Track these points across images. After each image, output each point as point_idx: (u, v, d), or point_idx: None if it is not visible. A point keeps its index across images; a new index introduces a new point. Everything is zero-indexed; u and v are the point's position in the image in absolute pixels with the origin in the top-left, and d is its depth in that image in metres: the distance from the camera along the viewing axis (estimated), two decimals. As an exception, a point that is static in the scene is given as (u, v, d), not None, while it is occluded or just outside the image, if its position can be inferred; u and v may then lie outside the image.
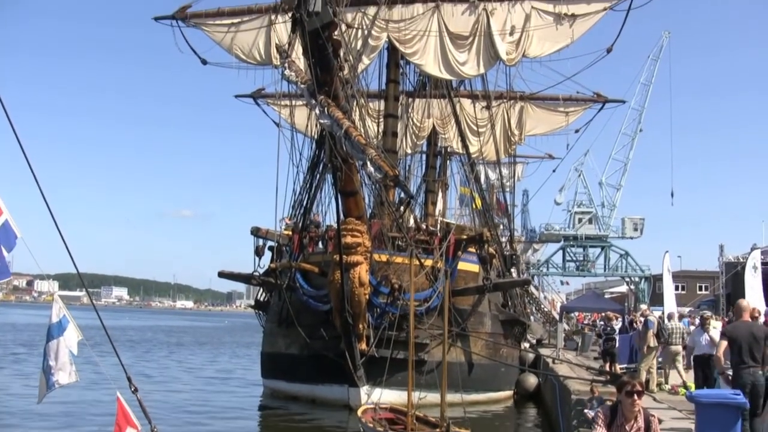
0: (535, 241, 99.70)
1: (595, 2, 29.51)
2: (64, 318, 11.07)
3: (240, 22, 31.79)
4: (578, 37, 29.53)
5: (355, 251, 22.71)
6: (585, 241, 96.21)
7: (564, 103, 42.83)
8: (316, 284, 26.08)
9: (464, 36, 29.92)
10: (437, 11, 30.05)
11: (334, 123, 19.32)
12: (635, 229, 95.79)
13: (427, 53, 30.00)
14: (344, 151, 19.75)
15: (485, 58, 29.86)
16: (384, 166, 18.81)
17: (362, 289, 23.11)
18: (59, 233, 10.37)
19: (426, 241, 27.17)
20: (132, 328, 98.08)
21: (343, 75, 21.08)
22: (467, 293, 27.46)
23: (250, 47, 31.39)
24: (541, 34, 29.62)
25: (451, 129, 39.95)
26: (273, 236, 29.42)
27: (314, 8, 18.06)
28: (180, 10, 32.11)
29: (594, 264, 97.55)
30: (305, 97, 20.75)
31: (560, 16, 29.42)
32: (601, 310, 43.46)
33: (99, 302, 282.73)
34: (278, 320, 28.32)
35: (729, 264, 63.22)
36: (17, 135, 9.46)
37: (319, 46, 19.05)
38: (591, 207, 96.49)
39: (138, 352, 54.34)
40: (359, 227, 22.83)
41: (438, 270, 25.95)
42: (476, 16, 29.84)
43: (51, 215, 10.28)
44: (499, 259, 33.76)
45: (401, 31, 30.02)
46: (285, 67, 21.64)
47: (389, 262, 25.23)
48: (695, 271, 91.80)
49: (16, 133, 9.39)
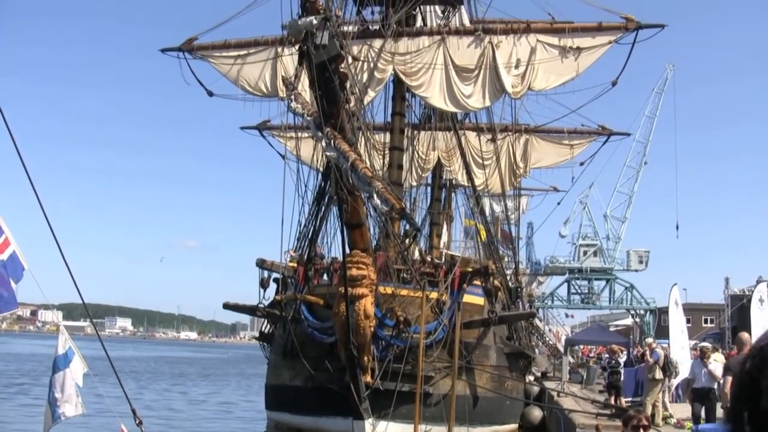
0: (540, 274, 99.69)
1: (600, 36, 29.65)
2: (70, 350, 11.09)
3: (246, 54, 31.90)
4: (583, 70, 29.65)
5: (360, 283, 22.63)
6: (590, 273, 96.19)
7: (569, 135, 42.92)
8: (321, 316, 26.00)
9: (470, 69, 30.02)
10: (443, 44, 30.17)
11: (340, 155, 19.34)
12: (640, 261, 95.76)
13: (432, 86, 30.10)
14: (350, 183, 19.76)
15: (491, 91, 29.96)
16: (390, 198, 18.82)
17: (367, 322, 23.01)
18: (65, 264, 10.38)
19: (431, 273, 27.11)
20: (136, 359, 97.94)
21: (350, 107, 21.12)
22: (472, 326, 27.37)
23: (256, 79, 31.49)
24: (546, 67, 29.72)
25: (456, 161, 40.00)
26: (278, 268, 29.37)
27: (321, 41, 18.13)
28: (186, 42, 32.24)
29: (599, 297, 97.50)
30: (311, 130, 20.78)
31: (565, 50, 29.54)
32: (606, 343, 43.41)
33: (103, 333, 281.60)
34: (283, 352, 28.22)
35: (734, 297, 63.24)
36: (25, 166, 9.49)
37: (326, 79, 19.10)
38: (596, 239, 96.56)
39: (141, 383, 54.26)
40: (365, 259, 22.76)
41: (443, 303, 25.90)
42: (482, 49, 29.96)
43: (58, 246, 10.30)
44: (505, 292, 33.67)
45: (407, 64, 30.13)
46: (291, 99, 21.69)
47: (394, 295, 25.17)
48: (700, 304, 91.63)
49: (25, 165, 9.42)
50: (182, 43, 32.24)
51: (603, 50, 29.54)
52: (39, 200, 10.04)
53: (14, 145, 9.49)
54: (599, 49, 29.53)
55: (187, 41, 32.21)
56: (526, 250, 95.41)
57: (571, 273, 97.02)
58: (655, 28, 29.52)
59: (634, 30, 29.32)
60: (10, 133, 9.33)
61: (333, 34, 18.37)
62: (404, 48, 30.32)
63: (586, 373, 43.35)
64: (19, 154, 9.61)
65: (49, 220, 10.25)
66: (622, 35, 29.55)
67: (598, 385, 37.63)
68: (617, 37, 29.58)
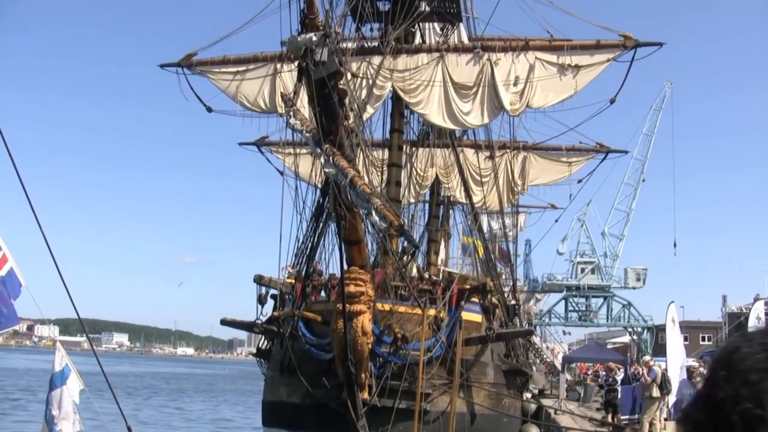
0: (538, 291, 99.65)
1: (598, 53, 29.71)
2: (67, 367, 11.05)
3: (245, 70, 31.93)
4: (582, 87, 29.69)
5: (358, 300, 22.61)
6: (587, 291, 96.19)
7: (567, 153, 42.94)
8: (319, 333, 25.96)
9: (468, 86, 30.08)
10: (442, 61, 30.23)
11: (339, 172, 19.34)
12: (638, 279, 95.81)
13: (431, 103, 30.15)
14: (349, 200, 19.76)
15: (489, 108, 30.01)
16: (389, 215, 18.82)
17: (365, 339, 22.98)
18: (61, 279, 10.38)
19: (429, 290, 27.10)
20: (132, 375, 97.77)
21: (349, 124, 21.14)
22: (470, 343, 27.34)
23: (255, 96, 31.52)
24: (544, 84, 29.77)
25: (454, 178, 40.01)
26: (276, 284, 29.33)
27: (321, 58, 18.16)
28: (185, 58, 32.25)
29: (596, 314, 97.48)
30: (310, 146, 20.79)
31: (564, 67, 29.59)
32: (604, 361, 43.37)
33: (99, 348, 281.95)
34: (280, 368, 28.14)
35: (732, 314, 63.23)
36: (23, 182, 9.48)
37: (325, 95, 19.12)
38: (593, 257, 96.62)
39: (138, 399, 54.13)
40: (362, 276, 22.73)
41: (441, 320, 25.89)
42: (480, 66, 30.02)
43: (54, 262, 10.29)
44: (502, 309, 33.63)
45: (406, 81, 30.18)
46: (290, 115, 21.69)
47: (392, 312, 25.16)
48: (698, 322, 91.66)
49: (22, 181, 9.41)
50: (181, 59, 32.24)
51: (601, 68, 29.60)
52: (35, 216, 10.02)
53: (11, 161, 9.48)
54: (598, 66, 29.59)
55: (186, 57, 32.23)
56: (523, 268, 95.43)
57: (568, 290, 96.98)
58: (653, 46, 29.59)
59: (632, 48, 29.37)
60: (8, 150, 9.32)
61: (332, 51, 18.40)
62: (403, 65, 30.38)
63: (583, 390, 43.31)
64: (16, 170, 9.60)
65: (46, 235, 10.24)
66: (620, 53, 29.61)
67: (595, 403, 37.57)
68: (615, 55, 29.64)
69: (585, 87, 29.78)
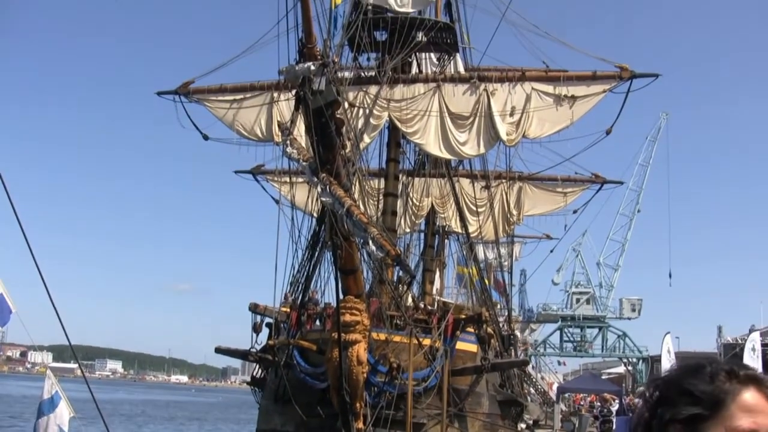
0: (533, 321, 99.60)
1: (594, 84, 29.79)
2: (57, 394, 10.99)
3: (242, 98, 31.99)
4: (578, 118, 29.75)
5: (353, 329, 22.56)
6: (582, 321, 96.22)
7: (562, 183, 42.97)
8: (314, 362, 25.88)
9: (465, 116, 30.15)
10: (438, 91, 30.33)
11: (336, 201, 19.34)
12: (633, 309, 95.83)
13: (428, 133, 30.21)
14: (345, 229, 19.76)
15: (485, 138, 30.08)
16: (386, 245, 18.82)
17: (360, 368, 22.91)
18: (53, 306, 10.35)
19: (424, 320, 27.07)
20: (126, 402, 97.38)
21: (346, 153, 21.17)
22: (465, 373, 27.28)
23: (252, 124, 31.57)
24: (541, 115, 29.84)
25: (449, 208, 40.05)
26: (271, 313, 29.26)
27: (318, 87, 18.20)
28: (183, 86, 32.32)
29: (591, 344, 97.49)
30: (307, 175, 20.79)
31: (560, 98, 29.67)
32: (599, 392, 43.26)
33: (93, 375, 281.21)
34: (274, 397, 28.04)
35: (727, 345, 63.14)
36: (16, 212, 9.48)
37: (323, 124, 19.16)
38: (589, 287, 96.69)
39: (132, 427, 53.81)
40: (358, 305, 22.70)
41: (436, 349, 25.83)
42: (477, 97, 30.11)
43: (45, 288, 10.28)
44: (497, 339, 33.58)
45: (402, 111, 30.25)
46: (287, 144, 21.72)
47: (387, 341, 25.11)
48: (693, 353, 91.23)
49: (15, 211, 9.41)
50: (178, 87, 32.32)
51: (597, 99, 29.69)
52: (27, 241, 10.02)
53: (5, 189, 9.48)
54: (594, 97, 29.67)
55: (183, 85, 32.30)
56: (518, 298, 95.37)
57: (563, 321, 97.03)
58: (649, 77, 29.70)
59: (628, 79, 29.47)
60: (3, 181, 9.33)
61: (330, 80, 18.46)
62: (400, 95, 30.46)
63: (578, 421, 43.13)
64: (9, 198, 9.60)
65: (38, 262, 10.23)
66: (616, 84, 29.71)
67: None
68: (612, 86, 29.73)
69: (581, 117, 29.86)
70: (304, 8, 17.90)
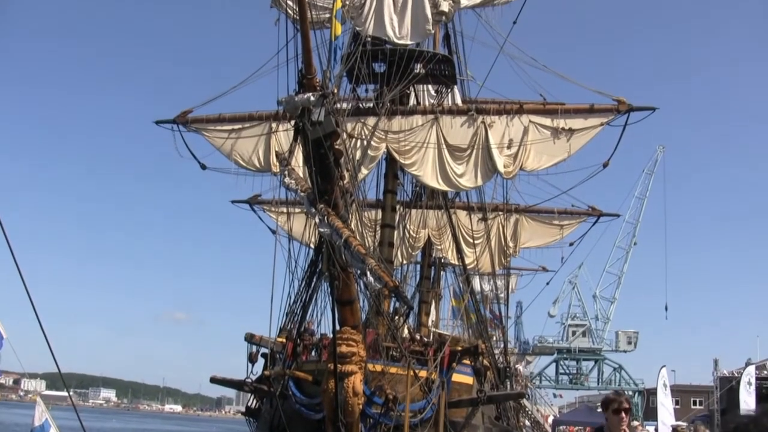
0: (529, 354, 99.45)
1: (592, 117, 29.88)
2: (47, 422, 10.96)
3: (241, 128, 32.08)
4: (575, 151, 29.82)
5: (349, 360, 22.48)
6: (578, 354, 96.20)
7: (559, 216, 43.02)
8: (309, 393, 25.79)
9: (462, 148, 30.23)
10: (436, 123, 30.42)
11: (333, 232, 19.34)
12: (629, 342, 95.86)
13: (425, 164, 30.28)
14: (343, 260, 19.74)
15: (483, 170, 30.14)
16: (384, 276, 18.79)
17: (356, 399, 22.80)
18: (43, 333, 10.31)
19: (420, 351, 27.02)
20: (120, 431, 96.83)
21: (344, 184, 21.19)
22: (461, 405, 27.22)
23: (249, 154, 31.64)
24: (538, 147, 29.91)
25: (446, 240, 40.09)
26: (267, 343, 29.19)
27: (318, 118, 18.24)
28: (181, 115, 32.42)
29: (587, 377, 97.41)
30: (305, 206, 20.78)
31: (558, 131, 29.76)
32: (595, 425, 43.13)
33: (86, 403, 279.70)
34: (270, 428, 27.92)
35: (723, 379, 63.10)
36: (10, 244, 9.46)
37: (321, 155, 19.18)
38: (585, 320, 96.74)
39: (124, 458, 53.55)
40: (355, 336, 22.64)
41: (432, 381, 25.76)
42: (475, 129, 30.21)
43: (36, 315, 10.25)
44: (493, 371, 33.51)
45: (400, 142, 30.33)
46: (285, 174, 21.74)
47: (384, 372, 25.04)
48: (689, 386, 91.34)
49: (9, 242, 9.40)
50: (177, 116, 32.42)
51: (595, 132, 29.77)
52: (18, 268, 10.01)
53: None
54: (591, 130, 29.75)
55: (181, 114, 32.40)
56: (514, 330, 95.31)
57: (559, 353, 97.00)
58: (646, 110, 29.78)
59: (625, 112, 29.55)
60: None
61: (329, 111, 18.50)
62: (398, 126, 30.56)
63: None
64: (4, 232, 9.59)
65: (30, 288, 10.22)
66: (613, 117, 29.79)
67: (585, 468, 37.30)
68: (609, 119, 29.81)
69: (578, 150, 29.93)
70: (304, 39, 17.97)
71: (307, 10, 18.58)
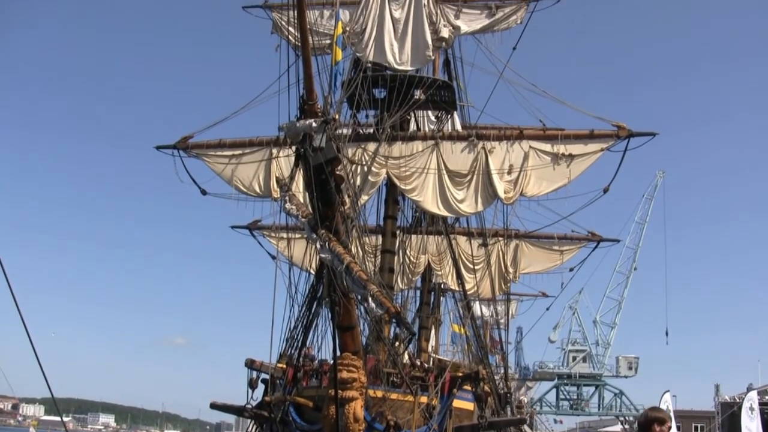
0: (529, 379, 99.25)
1: (592, 143, 29.92)
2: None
3: (241, 154, 32.13)
4: (575, 177, 29.82)
5: (350, 386, 22.43)
6: (579, 379, 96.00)
7: (559, 241, 43.05)
8: (310, 419, 25.72)
9: (463, 174, 30.26)
10: (437, 149, 30.45)
11: (335, 258, 19.34)
12: (630, 367, 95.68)
13: (425, 190, 30.30)
14: (344, 286, 19.72)
15: (483, 196, 30.15)
16: (386, 303, 18.77)
17: (357, 425, 22.71)
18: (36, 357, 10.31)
19: (421, 377, 26.95)
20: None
21: (345, 210, 21.19)
22: (462, 431, 27.13)
23: (250, 180, 31.68)
24: (538, 173, 29.93)
25: (446, 265, 40.09)
26: (267, 369, 29.11)
27: (319, 144, 18.27)
28: (182, 140, 32.46)
29: (588, 403, 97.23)
30: (306, 232, 20.78)
31: (558, 156, 29.79)
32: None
33: (85, 428, 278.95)
34: (269, 454, 27.85)
35: (725, 404, 63.02)
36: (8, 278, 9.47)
37: (322, 181, 19.21)
38: (585, 345, 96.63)
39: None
40: (355, 362, 22.58)
41: (433, 407, 25.69)
42: (475, 155, 30.24)
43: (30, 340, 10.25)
44: (494, 397, 33.42)
45: (400, 168, 30.36)
46: (285, 200, 21.75)
47: (384, 398, 24.98)
48: (691, 411, 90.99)
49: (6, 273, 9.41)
50: (177, 141, 32.46)
51: (595, 157, 29.79)
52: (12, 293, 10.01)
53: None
54: (591, 156, 29.78)
55: (182, 139, 32.45)
56: (515, 355, 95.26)
57: (560, 378, 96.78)
58: (646, 136, 29.82)
59: (625, 138, 29.58)
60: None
61: (331, 137, 18.53)
62: (398, 152, 30.59)
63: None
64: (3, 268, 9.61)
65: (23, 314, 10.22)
66: (613, 143, 29.82)
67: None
68: (609, 145, 29.84)
69: (579, 176, 29.95)
70: (306, 66, 18.00)
71: (308, 36, 18.67)
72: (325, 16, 32.74)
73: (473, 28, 32.10)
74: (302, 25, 18.16)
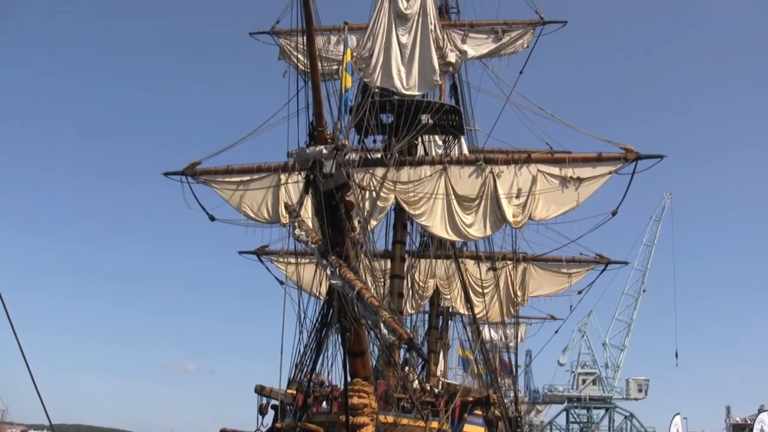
0: (539, 402, 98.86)
1: (600, 166, 29.83)
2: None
3: (249, 180, 32.13)
4: (584, 200, 29.70)
5: (361, 412, 22.35)
6: (589, 402, 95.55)
7: (567, 264, 42.99)
8: (320, 445, 25.62)
9: (471, 198, 30.20)
10: (445, 173, 30.43)
11: (346, 284, 19.30)
12: (640, 390, 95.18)
13: (434, 215, 30.24)
14: (356, 311, 19.66)
15: (492, 220, 30.08)
16: (398, 329, 18.71)
17: (368, 452, 22.68)
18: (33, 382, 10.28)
19: (431, 402, 26.87)
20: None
21: (355, 235, 21.16)
22: (473, 456, 27.05)
23: (258, 206, 31.64)
24: (547, 197, 29.85)
25: (454, 289, 40.04)
26: (277, 395, 29.01)
27: (329, 170, 18.26)
28: (189, 167, 32.46)
29: (598, 426, 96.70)
30: (316, 258, 20.74)
31: (566, 180, 29.72)
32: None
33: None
34: (280, 481, 27.69)
35: (736, 426, 62.73)
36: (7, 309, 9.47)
37: (332, 207, 19.19)
38: (595, 368, 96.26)
39: None
40: (366, 388, 22.52)
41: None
42: (483, 179, 30.20)
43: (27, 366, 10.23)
44: (505, 422, 33.31)
45: (409, 193, 30.34)
46: (295, 226, 21.72)
47: (396, 424, 24.87)
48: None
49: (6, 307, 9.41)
50: (185, 168, 32.46)
51: (603, 180, 29.70)
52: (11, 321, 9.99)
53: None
54: (599, 179, 29.70)
55: (190, 166, 32.46)
56: (524, 379, 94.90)
57: (569, 401, 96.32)
58: (654, 158, 29.75)
59: (633, 161, 29.50)
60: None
61: (341, 163, 18.52)
62: (406, 177, 30.58)
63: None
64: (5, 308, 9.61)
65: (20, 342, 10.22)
66: (621, 166, 29.73)
67: None
68: (617, 168, 29.75)
69: (587, 199, 29.87)
70: (315, 92, 18.01)
71: (317, 63, 18.69)
72: (332, 42, 32.81)
73: (480, 52, 32.15)
74: (311, 52, 18.20)
